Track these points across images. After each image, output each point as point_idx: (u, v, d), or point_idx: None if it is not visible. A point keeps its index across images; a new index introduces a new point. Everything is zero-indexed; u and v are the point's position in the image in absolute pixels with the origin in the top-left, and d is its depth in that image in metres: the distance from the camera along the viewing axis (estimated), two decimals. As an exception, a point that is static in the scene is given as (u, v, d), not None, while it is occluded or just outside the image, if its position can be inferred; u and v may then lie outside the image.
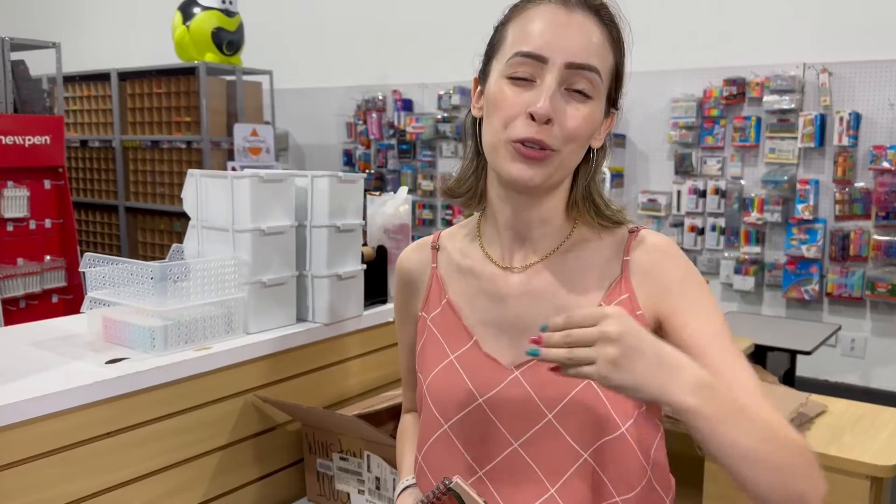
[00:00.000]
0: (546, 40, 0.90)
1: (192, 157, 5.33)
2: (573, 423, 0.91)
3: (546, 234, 1.00)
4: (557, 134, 0.89)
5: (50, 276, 4.07)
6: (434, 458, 0.99)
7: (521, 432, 0.93)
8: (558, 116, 0.89)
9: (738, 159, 4.57)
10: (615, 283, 0.97)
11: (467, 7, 5.50)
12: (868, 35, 4.19)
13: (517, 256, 1.00)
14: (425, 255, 1.10)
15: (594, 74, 0.90)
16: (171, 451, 1.54)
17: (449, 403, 0.97)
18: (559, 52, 0.89)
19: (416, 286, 1.10)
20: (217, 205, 1.73)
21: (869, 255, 4.20)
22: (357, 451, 1.65)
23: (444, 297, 1.04)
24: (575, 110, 0.90)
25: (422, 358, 1.04)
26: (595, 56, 0.91)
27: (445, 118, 5.63)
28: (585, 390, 0.91)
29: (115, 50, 6.93)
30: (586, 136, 0.93)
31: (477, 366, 0.98)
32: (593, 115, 0.92)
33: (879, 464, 1.76)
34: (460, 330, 1.01)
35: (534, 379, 0.94)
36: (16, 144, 3.84)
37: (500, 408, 0.94)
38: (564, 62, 0.89)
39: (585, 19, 0.91)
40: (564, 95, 0.90)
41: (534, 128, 0.89)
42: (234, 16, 5.27)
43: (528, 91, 0.90)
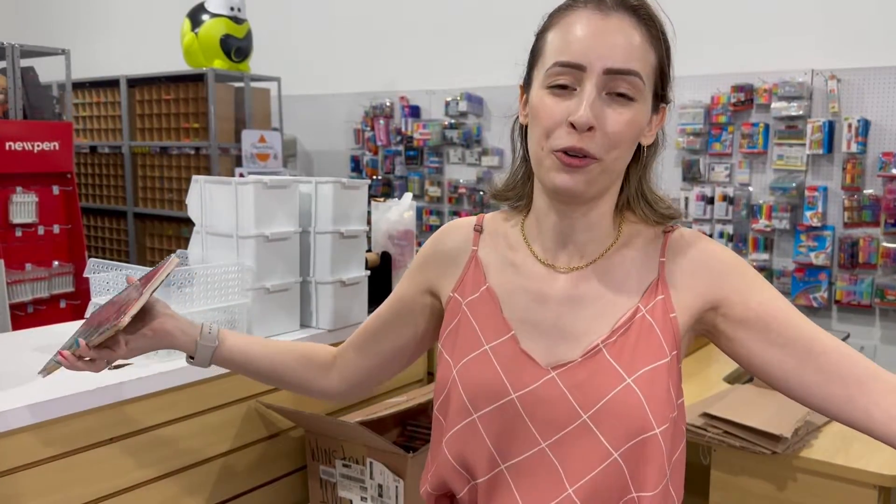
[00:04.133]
0: (583, 48, 0.90)
1: (200, 163, 5.35)
2: (608, 423, 0.91)
3: (592, 239, 0.99)
4: (600, 141, 0.89)
5: (58, 282, 4.09)
6: (457, 445, 0.98)
7: (552, 433, 0.93)
8: (600, 123, 0.89)
9: (746, 166, 4.55)
10: (651, 285, 0.97)
11: (475, 14, 5.51)
12: (877, 41, 4.17)
13: (561, 257, 1.00)
14: (466, 236, 1.08)
15: (634, 78, 0.90)
16: (174, 457, 1.54)
17: (480, 393, 0.97)
18: (597, 59, 0.89)
19: (451, 266, 1.08)
20: (221, 211, 1.74)
21: (878, 262, 4.17)
22: (360, 458, 1.65)
23: (483, 284, 1.03)
24: (617, 115, 0.90)
25: (452, 341, 1.02)
26: (634, 59, 0.90)
27: (452, 125, 5.63)
28: (625, 391, 0.91)
29: (125, 57, 6.97)
30: (631, 140, 0.93)
31: (513, 360, 0.97)
32: (637, 117, 0.92)
33: (887, 473, 1.74)
34: (499, 321, 1.00)
35: (571, 381, 0.93)
36: (25, 150, 3.86)
37: (533, 406, 0.94)
38: (603, 68, 0.89)
39: (623, 21, 0.91)
40: (606, 100, 0.90)
41: (575, 136, 0.89)
42: (243, 23, 5.29)
43: (568, 100, 0.90)
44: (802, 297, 4.38)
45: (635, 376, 0.92)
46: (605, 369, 0.93)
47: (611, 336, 0.94)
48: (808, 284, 4.37)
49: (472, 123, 5.57)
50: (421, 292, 1.11)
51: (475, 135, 5.56)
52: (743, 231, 4.58)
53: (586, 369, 0.93)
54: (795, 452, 1.84)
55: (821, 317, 4.41)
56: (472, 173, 5.61)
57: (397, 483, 1.59)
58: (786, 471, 1.84)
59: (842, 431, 1.96)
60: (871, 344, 4.31)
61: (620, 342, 0.94)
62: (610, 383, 0.92)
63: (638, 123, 0.92)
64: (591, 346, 0.94)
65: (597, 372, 0.93)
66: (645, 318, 0.94)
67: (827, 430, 1.97)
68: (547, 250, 1.00)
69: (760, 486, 1.86)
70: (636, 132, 0.93)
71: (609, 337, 0.94)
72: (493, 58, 5.36)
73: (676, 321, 0.95)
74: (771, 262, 4.53)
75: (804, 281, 4.38)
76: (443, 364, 1.03)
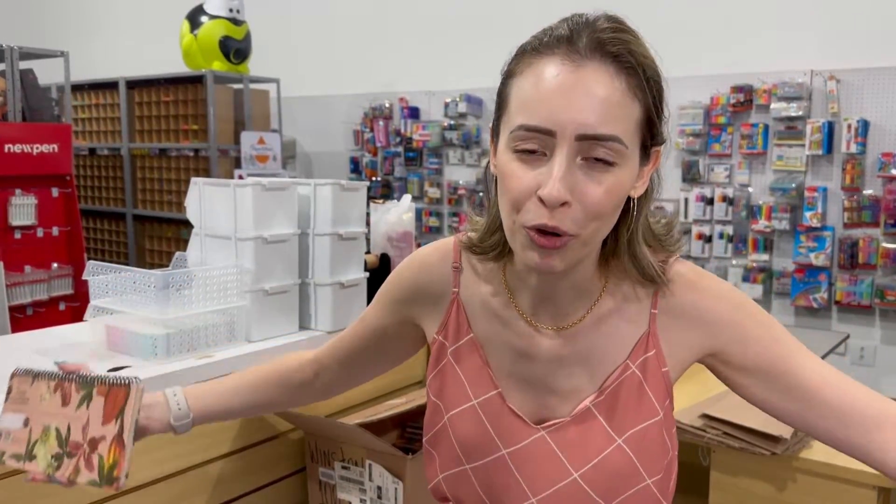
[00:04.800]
0: (551, 109, 0.77)
1: (199, 164, 5.35)
2: (599, 481, 0.89)
3: (576, 296, 0.91)
4: (576, 215, 0.78)
5: (57, 284, 4.08)
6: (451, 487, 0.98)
7: (542, 489, 0.91)
8: (576, 195, 0.78)
9: (746, 166, 4.55)
10: (641, 339, 0.91)
11: (474, 15, 5.51)
12: (876, 42, 4.17)
13: (545, 317, 0.92)
14: (445, 275, 0.99)
15: (614, 143, 0.78)
16: (173, 459, 1.54)
17: (472, 447, 0.95)
18: (568, 123, 0.77)
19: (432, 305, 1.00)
20: (220, 213, 1.74)
21: (878, 262, 4.17)
22: (359, 460, 1.65)
23: (468, 333, 0.97)
24: (596, 185, 0.78)
25: (439, 385, 0.99)
26: (612, 119, 0.78)
27: (452, 126, 5.63)
28: (616, 452, 0.89)
29: (124, 58, 6.97)
30: (613, 207, 0.82)
31: (501, 417, 0.93)
32: (619, 182, 0.80)
33: (887, 474, 1.74)
34: (484, 376, 0.95)
35: (561, 440, 0.91)
36: (24, 152, 3.86)
37: (524, 462, 0.92)
38: (575, 134, 0.77)
39: (598, 72, 0.78)
40: (582, 167, 0.78)
41: (546, 213, 0.78)
42: (242, 24, 5.29)
43: (538, 167, 0.79)
44: (802, 297, 4.38)
45: (626, 436, 0.89)
46: (595, 430, 0.90)
47: (600, 395, 0.90)
48: (808, 285, 4.37)
49: (471, 124, 5.57)
50: (402, 323, 1.04)
51: (475, 136, 5.56)
52: (743, 232, 4.58)
53: (576, 429, 0.90)
54: (795, 453, 1.84)
55: (821, 317, 4.41)
56: (472, 174, 5.61)
57: (396, 485, 1.59)
58: (785, 472, 1.83)
59: (842, 432, 1.96)
60: (871, 344, 4.31)
61: (609, 401, 0.90)
62: (600, 445, 0.89)
63: (621, 188, 0.81)
64: (580, 406, 0.91)
65: (587, 432, 0.90)
66: (635, 375, 0.90)
67: (827, 431, 1.97)
68: (530, 308, 0.93)
69: (760, 486, 1.86)
70: (619, 198, 0.81)
71: (598, 396, 0.91)
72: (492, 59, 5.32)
73: (669, 375, 0.91)
74: (771, 262, 4.53)
75: (804, 282, 4.38)
76: (430, 403, 1.00)
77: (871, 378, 4.32)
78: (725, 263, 4.63)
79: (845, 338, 3.70)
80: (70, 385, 0.97)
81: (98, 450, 0.94)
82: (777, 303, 4.54)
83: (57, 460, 0.94)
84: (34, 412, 0.96)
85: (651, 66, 0.82)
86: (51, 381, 0.97)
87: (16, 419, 0.97)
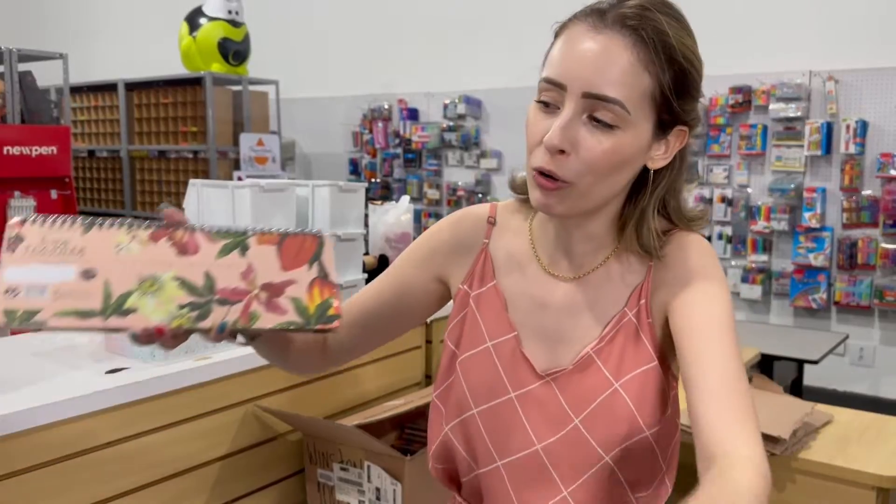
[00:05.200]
0: (566, 67, 0.86)
1: (198, 166, 5.35)
2: (599, 428, 0.92)
3: (591, 249, 0.98)
4: (573, 165, 0.86)
5: (56, 286, 4.08)
6: (458, 437, 1.01)
7: (546, 436, 0.94)
8: (575, 147, 0.86)
9: (745, 167, 4.55)
10: (637, 288, 0.96)
11: (473, 17, 5.52)
12: (874, 42, 4.18)
13: (562, 265, 0.99)
14: (479, 227, 1.06)
15: (614, 106, 0.85)
16: (171, 461, 1.54)
17: (481, 389, 0.98)
18: (577, 80, 0.85)
19: (462, 255, 1.06)
20: (218, 214, 1.74)
21: (877, 263, 4.17)
22: (357, 462, 1.65)
23: (491, 280, 1.03)
24: (595, 141, 0.85)
25: (457, 333, 1.03)
26: (616, 85, 0.84)
27: (451, 127, 5.64)
28: (613, 396, 0.92)
29: (123, 60, 6.98)
30: (610, 167, 0.87)
31: (513, 361, 0.98)
32: (619, 146, 0.86)
33: (885, 474, 1.74)
34: (503, 320, 1.00)
35: (564, 386, 0.95)
36: (23, 155, 3.86)
37: (530, 407, 0.96)
38: (581, 91, 0.85)
39: (614, 41, 0.85)
40: (587, 123, 0.86)
41: (547, 158, 0.87)
42: (241, 26, 5.30)
43: (551, 118, 0.87)
44: (801, 298, 4.38)
45: (623, 381, 0.92)
46: (594, 375, 0.94)
47: (599, 342, 0.95)
48: (808, 286, 4.37)
49: (470, 126, 5.58)
50: (430, 280, 1.08)
51: (474, 137, 5.57)
52: (742, 232, 4.59)
53: (578, 376, 0.94)
54: (794, 454, 1.84)
55: (820, 318, 4.41)
56: (471, 175, 5.62)
57: (395, 486, 1.59)
58: (784, 472, 1.83)
59: (840, 433, 1.96)
60: (870, 345, 4.31)
61: (608, 348, 0.94)
62: (598, 389, 0.93)
63: (621, 152, 0.87)
64: (582, 354, 0.95)
65: (587, 378, 0.94)
66: (631, 322, 0.95)
67: (825, 432, 1.97)
68: (549, 258, 1.00)
69: (759, 487, 1.86)
70: (618, 161, 0.87)
71: (598, 343, 0.95)
72: (491, 60, 5.37)
73: (653, 328, 0.94)
74: (770, 263, 4.54)
75: (803, 282, 4.38)
76: (447, 353, 1.04)
77: (871, 378, 4.32)
78: (724, 264, 4.63)
79: (844, 338, 3.70)
80: (189, 235, 0.83)
81: (287, 293, 0.85)
82: (776, 303, 4.55)
83: (195, 308, 0.82)
84: (105, 262, 0.81)
85: (677, 48, 0.87)
86: (132, 229, 0.82)
87: (61, 272, 0.80)
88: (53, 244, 0.80)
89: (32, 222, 0.80)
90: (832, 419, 2.03)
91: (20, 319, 0.77)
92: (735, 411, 0.81)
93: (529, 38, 1.01)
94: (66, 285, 0.79)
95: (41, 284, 0.79)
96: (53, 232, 0.80)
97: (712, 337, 0.87)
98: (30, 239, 0.80)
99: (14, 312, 0.77)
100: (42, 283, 0.79)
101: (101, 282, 0.80)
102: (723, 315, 0.90)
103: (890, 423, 2.04)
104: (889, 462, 1.79)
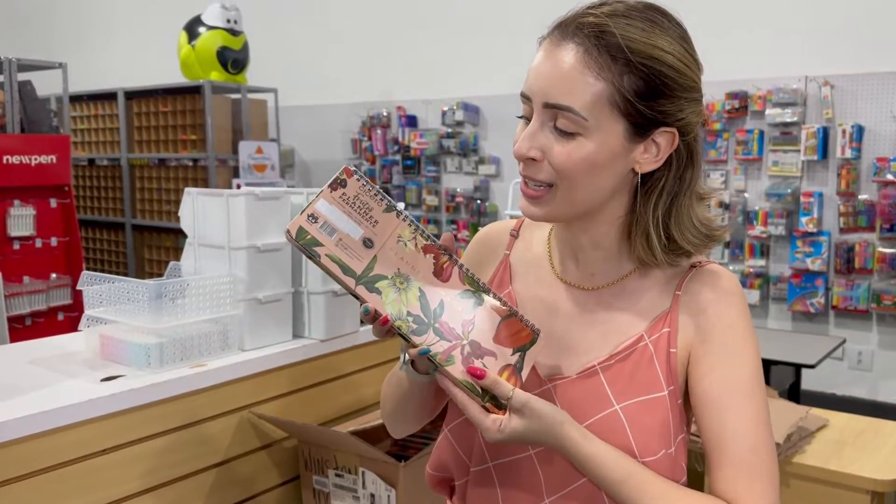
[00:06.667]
0: (530, 80, 0.91)
1: (198, 174, 5.36)
2: None
3: (601, 258, 0.98)
4: (547, 170, 0.90)
5: (56, 294, 4.09)
6: (456, 438, 1.02)
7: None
8: (546, 154, 0.90)
9: (742, 172, 4.56)
10: (661, 315, 0.95)
11: (471, 24, 5.54)
12: (870, 47, 4.19)
13: (572, 272, 1.00)
14: (503, 238, 1.11)
15: (568, 113, 0.87)
16: (167, 468, 1.54)
17: None
18: (538, 93, 0.89)
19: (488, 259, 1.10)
20: (213, 223, 1.75)
21: (874, 267, 4.18)
22: (352, 468, 1.65)
23: (507, 287, 1.05)
24: (560, 147, 0.89)
25: None
26: (567, 94, 0.87)
27: (449, 134, 5.65)
28: (610, 417, 0.91)
29: (122, 69, 7.00)
30: (580, 172, 0.89)
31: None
32: (583, 151, 0.88)
33: (880, 478, 1.75)
34: None
35: (564, 395, 0.94)
36: (22, 164, 3.88)
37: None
38: (542, 102, 0.89)
39: (567, 50, 0.88)
40: (553, 132, 0.89)
41: (523, 166, 0.92)
42: (239, 35, 5.32)
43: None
44: (799, 302, 4.39)
45: (624, 404, 0.91)
46: (596, 391, 0.93)
47: (609, 359, 0.94)
48: (805, 290, 4.37)
49: (468, 132, 5.59)
50: None
51: (472, 144, 5.58)
52: (739, 237, 4.59)
53: (580, 387, 0.94)
54: (788, 458, 1.84)
55: (817, 322, 4.41)
56: (470, 182, 5.63)
57: (389, 492, 1.60)
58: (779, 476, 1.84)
59: (836, 437, 1.96)
60: (868, 349, 4.31)
61: (617, 367, 0.93)
62: (597, 405, 0.92)
63: (588, 158, 0.88)
64: (588, 366, 0.94)
65: (589, 392, 0.93)
66: (647, 348, 0.94)
67: (820, 436, 1.97)
68: (561, 263, 1.02)
69: (754, 492, 1.87)
70: (587, 166, 0.89)
71: (607, 360, 0.94)
72: (489, 67, 5.38)
73: (675, 357, 0.93)
74: (767, 267, 4.54)
75: (801, 287, 4.39)
76: None
77: (870, 382, 4.32)
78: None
79: (841, 343, 3.70)
80: (450, 265, 0.91)
81: (484, 360, 0.90)
82: (774, 308, 4.55)
83: (417, 323, 0.89)
84: (384, 242, 0.89)
85: (639, 50, 0.87)
86: (416, 232, 0.90)
87: (352, 228, 0.89)
88: (361, 204, 0.90)
89: (358, 179, 0.90)
90: (827, 423, 2.03)
91: (306, 241, 0.88)
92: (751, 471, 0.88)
93: (527, 46, 1.03)
94: (349, 240, 0.89)
95: (334, 227, 0.89)
96: (365, 194, 0.90)
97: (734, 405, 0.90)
98: (349, 189, 0.90)
99: (305, 234, 0.88)
100: (335, 227, 0.89)
101: (372, 254, 0.89)
102: (749, 379, 0.91)
103: (885, 427, 2.05)
104: (884, 465, 1.80)
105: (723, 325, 0.93)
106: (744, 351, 0.92)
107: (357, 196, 0.90)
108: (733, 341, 0.92)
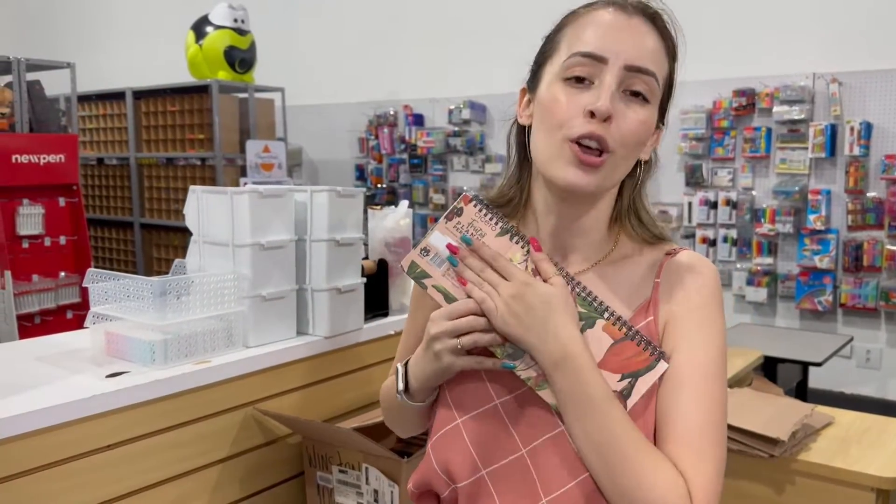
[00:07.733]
0: (606, 40, 0.90)
1: (205, 173, 5.39)
2: None
3: (586, 245, 0.99)
4: (615, 134, 0.88)
5: (64, 293, 4.12)
6: (441, 450, 0.99)
7: (531, 439, 0.93)
8: (617, 117, 0.88)
9: (749, 170, 4.55)
10: (643, 304, 0.96)
11: (477, 23, 5.54)
12: (878, 44, 4.17)
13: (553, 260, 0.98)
14: None
15: (652, 78, 0.90)
16: (171, 464, 1.55)
17: (466, 399, 0.97)
18: (619, 53, 0.89)
19: None
20: (218, 220, 1.76)
21: (883, 265, 4.16)
22: (356, 464, 1.66)
23: None
24: (633, 113, 0.89)
25: None
26: (653, 61, 0.91)
27: (456, 132, 5.66)
28: None
29: (130, 69, 7.04)
30: (639, 142, 0.92)
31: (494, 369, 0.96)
32: (649, 120, 0.92)
33: (885, 476, 1.74)
34: None
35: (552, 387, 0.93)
36: (31, 163, 3.90)
37: (515, 413, 0.94)
38: (624, 63, 0.89)
39: (644, 25, 0.92)
40: (623, 98, 0.89)
41: (594, 124, 0.88)
42: (247, 34, 5.34)
43: (584, 92, 0.89)
44: (807, 300, 4.37)
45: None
46: None
47: None
48: (813, 288, 4.36)
49: (475, 131, 5.60)
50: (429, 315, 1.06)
51: (478, 142, 5.58)
52: (747, 235, 4.58)
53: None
54: (793, 455, 1.84)
55: (826, 320, 4.40)
56: (476, 180, 5.63)
57: (392, 488, 1.60)
58: (784, 474, 1.83)
59: (841, 435, 1.96)
60: (876, 347, 4.29)
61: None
62: None
63: (648, 127, 0.92)
64: None
65: None
66: None
67: (825, 434, 1.96)
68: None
69: (758, 489, 1.86)
70: (645, 135, 0.92)
71: None
72: (495, 66, 5.38)
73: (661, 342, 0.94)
74: (775, 266, 4.53)
75: (809, 285, 4.37)
76: None
77: (878, 380, 4.30)
78: (730, 267, 4.62)
79: (848, 341, 3.69)
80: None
81: None
82: (782, 306, 4.53)
83: (513, 348, 0.89)
84: None
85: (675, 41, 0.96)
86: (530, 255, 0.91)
87: None
88: (474, 231, 0.91)
89: (475, 205, 0.91)
90: (833, 421, 2.03)
91: (417, 275, 0.91)
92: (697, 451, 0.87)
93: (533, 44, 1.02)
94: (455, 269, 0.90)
95: (444, 257, 0.90)
96: (480, 220, 0.91)
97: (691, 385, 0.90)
98: (464, 217, 0.91)
99: (416, 267, 0.91)
100: (444, 257, 0.90)
101: None
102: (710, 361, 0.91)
103: (891, 425, 2.04)
104: (889, 463, 1.79)
105: (692, 306, 0.94)
106: (710, 334, 0.93)
107: (472, 223, 0.90)
108: (700, 324, 0.93)
